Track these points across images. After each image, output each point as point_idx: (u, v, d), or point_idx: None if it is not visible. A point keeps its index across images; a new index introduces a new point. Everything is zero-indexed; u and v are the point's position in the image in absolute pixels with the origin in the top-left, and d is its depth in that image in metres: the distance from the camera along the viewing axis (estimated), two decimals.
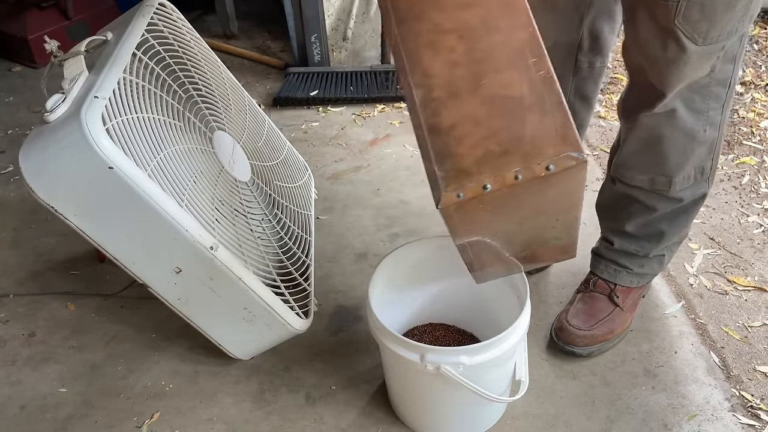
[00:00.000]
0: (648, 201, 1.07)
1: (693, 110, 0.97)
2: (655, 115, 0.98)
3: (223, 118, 1.21)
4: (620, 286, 1.16)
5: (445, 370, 0.85)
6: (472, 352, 0.85)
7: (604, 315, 1.13)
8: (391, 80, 1.99)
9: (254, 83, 2.14)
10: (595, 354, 1.12)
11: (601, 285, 1.17)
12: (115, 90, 0.89)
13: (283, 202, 1.27)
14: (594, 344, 1.11)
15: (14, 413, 1.08)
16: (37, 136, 0.87)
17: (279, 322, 1.04)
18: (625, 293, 1.16)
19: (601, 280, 1.17)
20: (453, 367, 0.85)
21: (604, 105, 1.86)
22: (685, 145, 1.00)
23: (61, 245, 1.45)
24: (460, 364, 0.84)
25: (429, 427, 1.00)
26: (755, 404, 1.03)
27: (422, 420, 1.00)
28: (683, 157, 1.01)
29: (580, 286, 1.20)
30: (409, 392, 0.98)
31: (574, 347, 1.11)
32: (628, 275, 1.15)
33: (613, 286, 1.16)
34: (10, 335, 1.23)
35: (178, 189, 0.93)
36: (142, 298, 1.28)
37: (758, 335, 1.15)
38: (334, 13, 2.02)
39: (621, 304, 1.14)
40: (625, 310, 1.15)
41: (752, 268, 1.29)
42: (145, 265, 0.96)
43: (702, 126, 0.99)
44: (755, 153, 1.63)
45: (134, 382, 1.13)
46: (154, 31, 1.09)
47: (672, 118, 0.98)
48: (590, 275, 1.20)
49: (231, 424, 1.04)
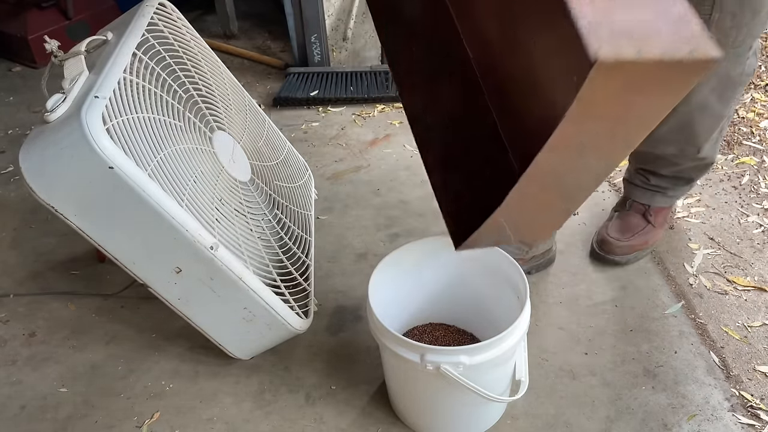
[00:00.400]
0: (676, 160, 1.24)
1: (723, 99, 1.13)
2: (689, 106, 1.12)
3: (223, 118, 1.21)
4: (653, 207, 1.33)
5: (444, 369, 0.85)
6: (471, 352, 0.85)
7: (639, 229, 1.31)
8: (391, 80, 1.99)
9: (254, 83, 2.14)
10: (632, 261, 1.30)
11: (636, 206, 1.34)
12: (116, 90, 0.89)
13: (283, 202, 1.27)
14: (631, 253, 1.30)
15: (14, 413, 1.08)
16: (37, 136, 0.87)
17: (279, 321, 1.04)
18: (657, 212, 1.33)
19: (636, 203, 1.35)
20: (453, 366, 0.85)
21: None
22: (713, 124, 1.17)
23: (61, 245, 1.45)
24: (460, 363, 0.85)
25: (429, 427, 1.00)
26: (755, 404, 1.03)
27: (422, 420, 1.00)
28: (710, 132, 1.18)
29: (616, 206, 1.40)
30: (409, 392, 0.98)
31: (615, 256, 1.29)
32: (662, 198, 1.33)
33: (648, 207, 1.33)
34: (10, 335, 1.23)
35: (178, 189, 0.93)
36: (142, 298, 1.28)
37: (758, 335, 1.15)
38: (334, 13, 2.02)
39: (653, 222, 1.32)
40: (656, 226, 1.33)
41: (752, 268, 1.29)
42: (145, 265, 0.96)
43: (729, 109, 1.16)
44: (755, 153, 1.63)
45: (134, 382, 1.13)
46: (155, 31, 1.09)
47: (705, 108, 1.13)
48: (625, 198, 1.38)
49: (231, 424, 1.04)
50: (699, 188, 1.52)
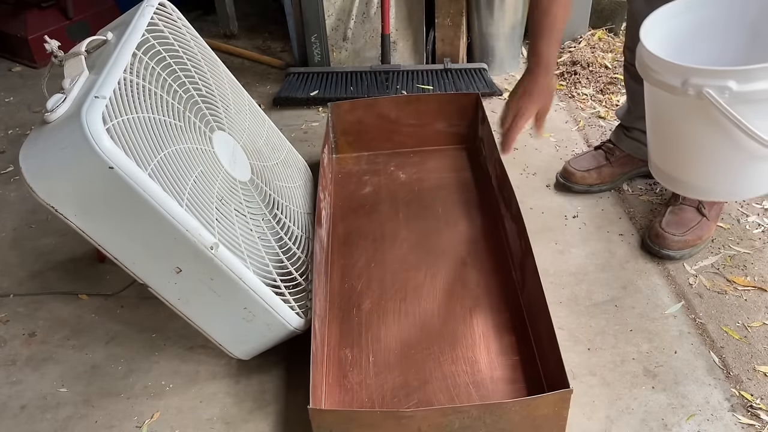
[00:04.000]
0: None
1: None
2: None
3: (223, 118, 1.21)
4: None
5: (707, 93, 0.74)
6: (742, 76, 0.73)
7: (694, 224, 1.31)
8: (391, 80, 1.99)
9: (254, 83, 2.14)
10: (686, 257, 1.30)
11: (689, 199, 1.33)
12: (116, 90, 0.89)
13: (283, 202, 1.27)
14: (686, 248, 1.30)
15: (14, 413, 1.08)
16: (37, 136, 0.88)
17: (279, 321, 1.04)
18: (710, 205, 1.33)
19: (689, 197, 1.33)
20: (717, 92, 0.74)
21: (604, 105, 1.86)
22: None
23: (61, 245, 1.45)
24: (726, 89, 0.73)
25: (696, 182, 0.91)
26: (755, 404, 1.03)
27: (687, 173, 0.90)
28: None
29: (669, 200, 1.39)
30: (671, 136, 0.87)
31: (670, 251, 1.29)
32: None
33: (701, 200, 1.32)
34: (10, 335, 1.23)
35: (178, 189, 0.93)
36: (142, 298, 1.28)
37: (758, 335, 1.15)
38: (334, 13, 2.02)
39: (707, 215, 1.32)
40: (710, 219, 1.32)
41: (752, 267, 1.29)
42: (145, 265, 0.96)
43: None
44: None
45: (134, 382, 1.13)
46: (155, 31, 1.09)
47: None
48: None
49: (231, 424, 1.04)
50: None
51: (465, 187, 1.52)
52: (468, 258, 1.30)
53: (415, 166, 1.61)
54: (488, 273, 1.26)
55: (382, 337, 1.15)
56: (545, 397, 0.88)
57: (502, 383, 1.05)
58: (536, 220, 1.44)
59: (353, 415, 0.92)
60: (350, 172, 1.60)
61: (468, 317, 1.17)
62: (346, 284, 1.26)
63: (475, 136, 1.65)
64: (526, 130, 1.22)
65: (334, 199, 1.49)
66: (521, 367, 1.07)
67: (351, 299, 1.23)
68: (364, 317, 1.19)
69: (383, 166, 1.62)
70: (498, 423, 0.89)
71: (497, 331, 1.14)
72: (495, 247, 1.32)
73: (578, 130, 1.76)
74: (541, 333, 1.06)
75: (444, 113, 1.63)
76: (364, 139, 1.65)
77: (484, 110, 1.55)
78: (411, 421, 0.88)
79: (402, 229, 1.39)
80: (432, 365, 1.09)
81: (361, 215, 1.44)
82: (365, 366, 1.10)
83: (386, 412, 0.92)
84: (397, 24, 2.03)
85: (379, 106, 1.62)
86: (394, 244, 1.35)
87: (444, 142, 1.67)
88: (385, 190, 1.52)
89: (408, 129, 1.65)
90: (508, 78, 2.07)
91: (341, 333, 1.16)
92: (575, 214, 1.45)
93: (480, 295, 1.21)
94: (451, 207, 1.45)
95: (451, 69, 2.01)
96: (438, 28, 2.04)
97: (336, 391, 1.06)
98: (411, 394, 1.04)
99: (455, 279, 1.25)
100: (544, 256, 1.33)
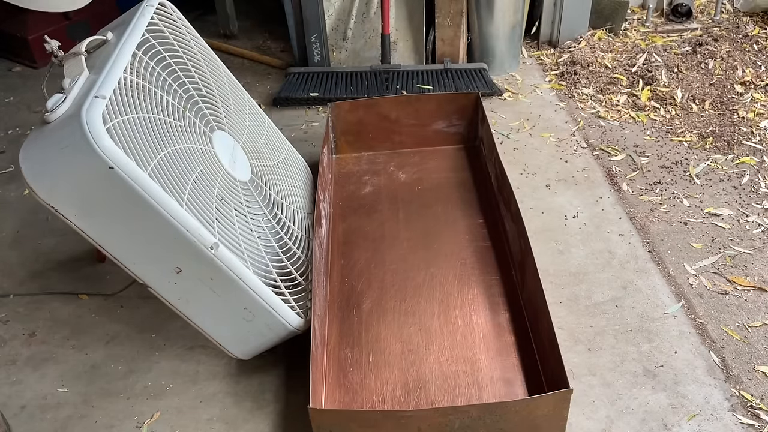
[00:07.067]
0: None
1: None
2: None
3: (223, 118, 1.21)
4: None
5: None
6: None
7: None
8: (391, 80, 1.99)
9: (254, 83, 2.14)
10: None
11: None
12: (116, 90, 0.89)
13: (283, 201, 1.27)
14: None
15: (14, 413, 1.08)
16: (37, 136, 0.88)
17: (279, 321, 1.04)
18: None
19: None
20: None
21: (604, 105, 1.86)
22: None
23: (62, 245, 1.45)
24: None
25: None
26: (755, 404, 1.03)
27: None
28: None
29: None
30: None
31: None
32: None
33: None
34: (11, 335, 1.23)
35: (178, 188, 0.93)
36: (142, 298, 1.28)
37: (758, 335, 1.15)
38: (334, 13, 2.02)
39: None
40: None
41: (752, 268, 1.29)
42: (145, 265, 0.96)
43: None
44: (755, 153, 1.63)
45: (134, 382, 1.13)
46: (155, 31, 1.09)
47: None
48: None
49: (231, 424, 1.04)
50: (699, 188, 1.52)
51: (465, 187, 1.52)
52: (468, 258, 1.30)
53: (415, 166, 1.61)
54: (488, 273, 1.26)
55: (382, 337, 1.15)
56: (545, 397, 0.88)
57: (502, 383, 1.05)
58: (536, 220, 1.44)
59: (353, 415, 0.92)
60: (350, 172, 1.60)
61: (468, 317, 1.17)
62: (346, 284, 1.26)
63: (474, 136, 1.65)
64: (527, 130, 1.23)
65: (334, 199, 1.49)
66: (521, 367, 1.07)
67: (351, 299, 1.23)
68: (364, 317, 1.19)
69: (383, 166, 1.62)
70: (498, 423, 0.89)
71: (497, 331, 1.14)
72: (495, 247, 1.32)
73: (578, 130, 1.76)
74: (541, 333, 1.06)
75: (444, 113, 1.63)
76: (364, 139, 1.65)
77: (483, 110, 1.55)
78: (411, 421, 0.88)
79: (402, 229, 1.39)
80: (432, 365, 1.09)
81: (361, 215, 1.44)
82: (365, 366, 1.10)
83: (386, 412, 0.92)
84: (397, 24, 2.03)
85: (379, 106, 1.62)
86: (394, 244, 1.35)
87: (444, 142, 1.67)
88: (385, 190, 1.53)
89: (408, 129, 1.65)
90: (508, 78, 2.07)
91: (341, 333, 1.16)
92: (575, 214, 1.45)
93: (480, 295, 1.21)
94: (451, 207, 1.45)
95: (451, 69, 2.01)
96: (438, 28, 2.04)
97: (336, 391, 1.06)
98: (411, 394, 1.04)
99: (455, 279, 1.25)
100: (544, 256, 1.33)
